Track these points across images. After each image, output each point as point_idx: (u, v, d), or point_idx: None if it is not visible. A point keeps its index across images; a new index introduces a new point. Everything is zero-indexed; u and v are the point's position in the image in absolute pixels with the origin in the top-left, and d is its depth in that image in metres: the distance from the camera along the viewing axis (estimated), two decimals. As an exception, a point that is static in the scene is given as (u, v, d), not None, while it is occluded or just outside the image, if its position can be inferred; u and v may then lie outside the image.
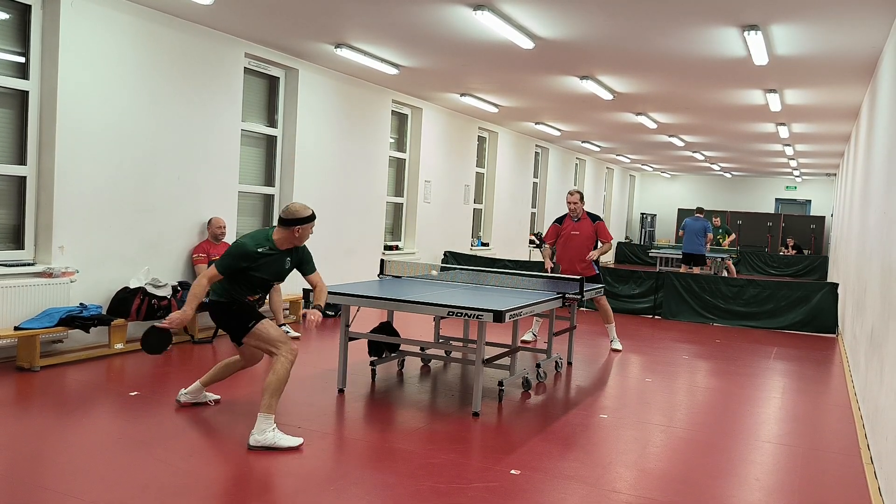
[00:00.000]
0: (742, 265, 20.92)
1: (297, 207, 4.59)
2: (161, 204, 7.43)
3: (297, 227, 4.58)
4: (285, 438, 4.40)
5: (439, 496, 3.77)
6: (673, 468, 4.42)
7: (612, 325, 8.29)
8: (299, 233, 4.60)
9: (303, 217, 4.58)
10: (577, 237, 8.02)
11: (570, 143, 18.16)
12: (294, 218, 4.57)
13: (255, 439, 4.34)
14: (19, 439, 4.30)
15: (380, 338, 6.00)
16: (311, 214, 4.62)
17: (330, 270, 10.14)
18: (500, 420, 5.23)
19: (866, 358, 5.84)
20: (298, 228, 4.59)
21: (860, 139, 9.76)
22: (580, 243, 7.99)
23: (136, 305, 6.85)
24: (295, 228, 4.59)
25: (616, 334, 8.39)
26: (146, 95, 7.20)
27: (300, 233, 4.61)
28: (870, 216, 6.91)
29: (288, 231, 4.60)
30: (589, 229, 8.00)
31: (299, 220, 4.58)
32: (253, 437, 4.35)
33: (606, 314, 8.21)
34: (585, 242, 7.99)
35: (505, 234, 16.29)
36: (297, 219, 4.57)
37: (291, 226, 4.58)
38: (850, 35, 6.62)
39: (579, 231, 8.03)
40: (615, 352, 8.12)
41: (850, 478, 4.45)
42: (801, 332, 10.28)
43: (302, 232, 4.61)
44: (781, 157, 18.42)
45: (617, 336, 8.45)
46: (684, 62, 8.18)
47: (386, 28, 7.48)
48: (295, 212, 4.58)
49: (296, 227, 4.58)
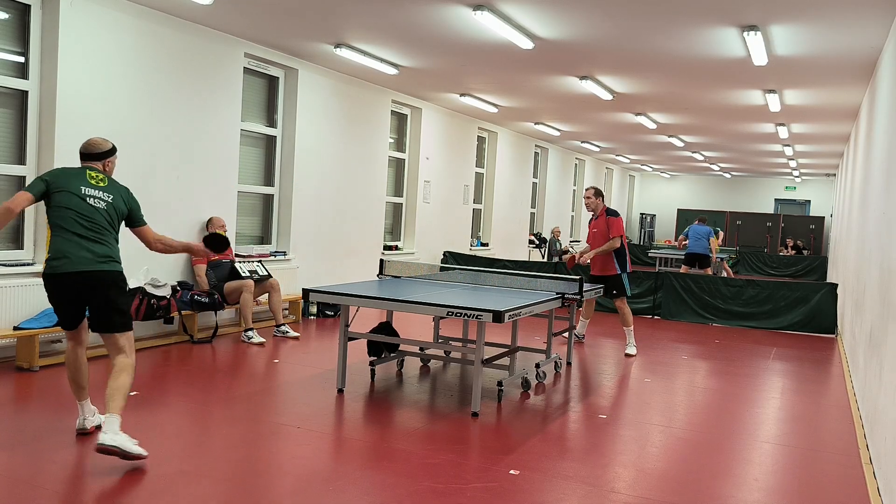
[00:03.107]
0: (741, 265, 20.92)
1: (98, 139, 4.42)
2: (160, 203, 7.43)
3: (109, 158, 4.42)
4: (137, 446, 3.97)
5: (438, 496, 3.77)
6: (672, 468, 4.42)
7: (629, 329, 8.00)
8: (109, 166, 4.43)
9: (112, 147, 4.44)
10: (595, 234, 8.00)
11: (570, 143, 18.16)
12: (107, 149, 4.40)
13: (113, 439, 3.87)
14: (19, 439, 4.30)
15: (379, 338, 6.00)
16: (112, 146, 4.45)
17: (329, 270, 10.14)
18: (499, 420, 5.23)
19: (865, 358, 5.84)
20: (109, 161, 4.43)
21: (859, 139, 9.77)
22: (597, 241, 7.95)
23: (136, 305, 6.85)
24: (107, 161, 4.42)
25: (634, 340, 8.06)
26: (146, 95, 7.20)
27: (109, 166, 4.44)
28: (869, 216, 6.91)
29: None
30: (604, 226, 7.94)
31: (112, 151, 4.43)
32: (108, 436, 3.88)
33: (623, 317, 7.98)
34: (602, 240, 7.91)
35: (504, 234, 16.29)
36: (110, 149, 4.42)
37: (105, 158, 4.40)
38: (850, 35, 6.62)
39: (597, 228, 7.99)
40: (628, 357, 7.82)
41: (849, 478, 4.45)
42: (800, 333, 10.28)
43: (111, 165, 4.44)
44: (781, 157, 18.43)
45: (635, 342, 8.10)
46: (684, 62, 8.18)
47: (386, 28, 7.48)
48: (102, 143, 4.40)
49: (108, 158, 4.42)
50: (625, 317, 8.00)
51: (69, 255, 4.07)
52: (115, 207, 4.27)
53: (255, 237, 9.27)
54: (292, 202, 9.34)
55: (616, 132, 15.45)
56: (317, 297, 5.65)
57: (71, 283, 4.12)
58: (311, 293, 5.66)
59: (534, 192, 18.34)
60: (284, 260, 9.23)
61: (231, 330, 8.05)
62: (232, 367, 6.44)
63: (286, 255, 9.29)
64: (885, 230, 5.18)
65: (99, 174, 4.28)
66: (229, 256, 8.01)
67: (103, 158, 4.36)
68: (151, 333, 7.37)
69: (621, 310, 8.00)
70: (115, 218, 4.27)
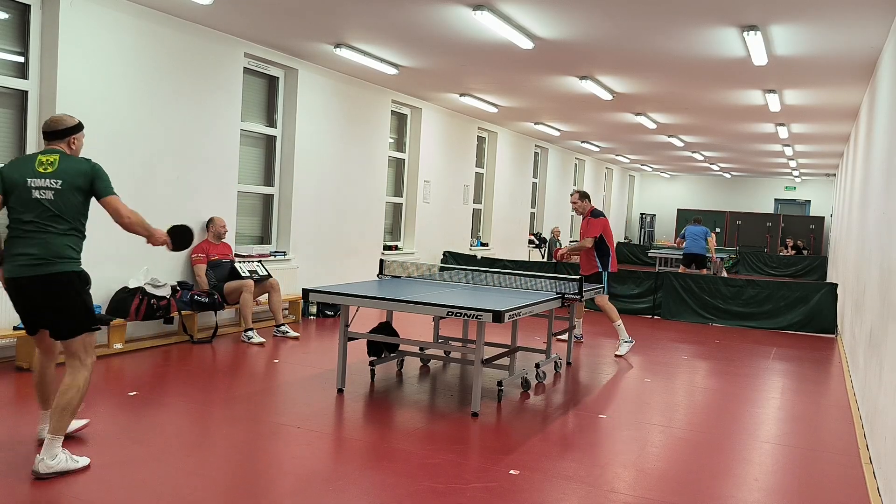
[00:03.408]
0: (741, 265, 20.92)
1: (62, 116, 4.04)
2: (160, 203, 7.43)
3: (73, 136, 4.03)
4: (75, 459, 3.82)
5: (438, 496, 3.77)
6: (672, 468, 4.42)
7: (618, 323, 7.92)
8: (75, 144, 4.04)
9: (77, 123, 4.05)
10: (582, 235, 8.17)
11: (570, 143, 18.16)
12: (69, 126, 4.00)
13: (48, 465, 3.67)
14: (19, 439, 4.30)
15: (379, 338, 6.00)
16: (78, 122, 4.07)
17: (329, 270, 10.14)
18: (499, 420, 5.23)
19: (865, 358, 5.84)
20: (73, 138, 4.03)
21: (859, 139, 9.77)
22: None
23: (136, 305, 6.85)
24: (71, 138, 4.02)
25: (626, 335, 7.96)
26: (145, 95, 7.20)
27: (75, 144, 4.05)
28: (869, 216, 6.91)
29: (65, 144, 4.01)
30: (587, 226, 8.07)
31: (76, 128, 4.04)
32: (44, 462, 3.67)
33: (608, 314, 7.94)
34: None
35: (504, 234, 16.29)
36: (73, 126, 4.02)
37: (67, 136, 4.01)
38: (850, 35, 6.62)
39: (583, 230, 8.17)
40: (618, 357, 7.79)
41: (849, 478, 4.45)
42: (800, 333, 10.28)
43: (76, 143, 4.05)
44: (781, 157, 18.43)
45: (627, 335, 7.97)
46: (684, 62, 8.18)
47: (386, 28, 7.48)
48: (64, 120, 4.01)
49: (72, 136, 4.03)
50: (609, 313, 7.99)
51: (9, 258, 3.81)
52: (67, 192, 3.82)
53: (255, 237, 9.27)
54: (292, 202, 9.34)
55: (616, 132, 15.45)
56: (317, 297, 5.65)
57: (13, 288, 3.85)
58: (311, 293, 5.66)
59: (534, 192, 18.33)
60: (284, 260, 9.23)
61: (231, 330, 8.05)
62: (232, 367, 6.44)
63: (286, 255, 9.29)
64: (885, 230, 5.18)
65: (51, 156, 3.87)
66: (229, 256, 8.02)
67: (66, 136, 3.97)
68: (151, 333, 7.37)
69: (603, 307, 8.00)
70: (67, 205, 3.82)
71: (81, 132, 4.05)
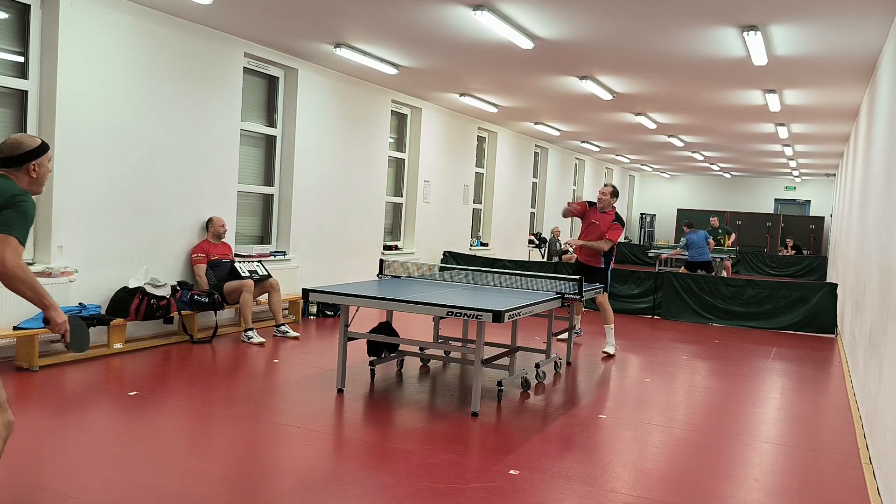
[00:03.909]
0: (741, 265, 20.92)
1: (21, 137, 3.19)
2: (160, 203, 7.43)
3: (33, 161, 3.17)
4: None
5: (438, 496, 3.77)
6: (672, 468, 4.42)
7: (610, 327, 7.93)
8: (37, 171, 3.20)
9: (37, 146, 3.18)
10: (595, 226, 8.02)
11: (570, 143, 18.16)
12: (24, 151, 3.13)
13: None
14: (19, 439, 4.29)
15: (379, 338, 6.00)
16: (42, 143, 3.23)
17: (329, 270, 10.14)
18: (498, 420, 5.23)
19: (865, 358, 5.84)
20: (34, 164, 3.17)
21: (859, 140, 9.77)
22: (595, 233, 7.99)
23: (135, 305, 6.85)
24: (31, 165, 3.16)
25: (614, 339, 7.97)
26: (145, 95, 7.20)
27: (38, 170, 3.21)
28: (869, 216, 6.91)
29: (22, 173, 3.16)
30: (607, 224, 7.96)
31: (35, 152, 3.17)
32: None
33: (605, 314, 7.92)
34: (595, 235, 7.98)
35: (504, 234, 16.29)
36: (30, 150, 3.15)
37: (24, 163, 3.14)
38: (850, 35, 6.62)
39: (598, 221, 8.02)
40: (605, 355, 7.77)
41: (849, 478, 4.45)
42: (800, 333, 10.28)
43: (40, 169, 3.21)
44: (781, 157, 18.43)
45: (614, 341, 8.02)
46: (684, 62, 8.18)
47: (385, 28, 7.48)
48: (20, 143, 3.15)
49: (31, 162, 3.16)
50: (606, 313, 7.94)
51: None
52: None
53: (255, 237, 9.27)
54: (292, 202, 9.34)
55: (616, 132, 15.45)
56: (317, 297, 5.65)
57: None
58: (310, 293, 5.66)
59: (534, 192, 18.34)
60: (284, 260, 9.23)
61: (231, 330, 8.05)
62: (232, 367, 6.44)
63: (286, 255, 9.29)
64: (885, 230, 5.18)
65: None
66: (229, 256, 8.02)
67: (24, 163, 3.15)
68: (151, 333, 7.37)
69: (602, 306, 7.93)
70: None
71: (37, 159, 3.19)
